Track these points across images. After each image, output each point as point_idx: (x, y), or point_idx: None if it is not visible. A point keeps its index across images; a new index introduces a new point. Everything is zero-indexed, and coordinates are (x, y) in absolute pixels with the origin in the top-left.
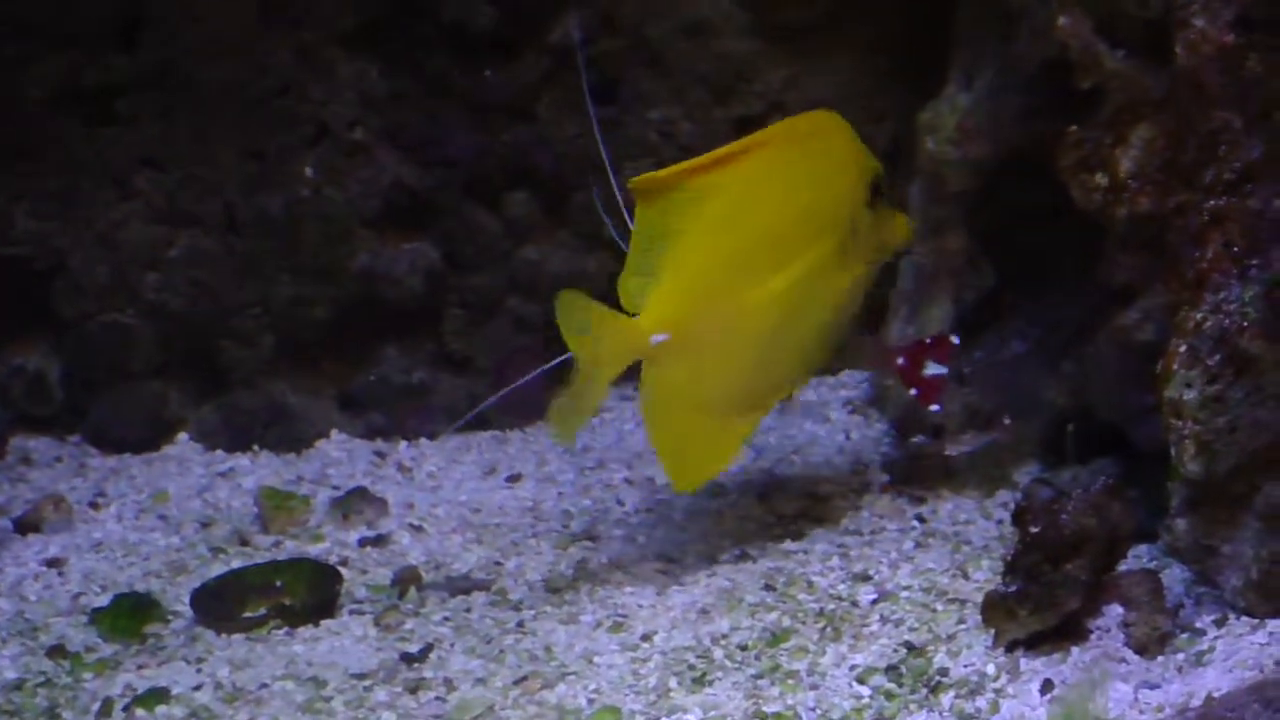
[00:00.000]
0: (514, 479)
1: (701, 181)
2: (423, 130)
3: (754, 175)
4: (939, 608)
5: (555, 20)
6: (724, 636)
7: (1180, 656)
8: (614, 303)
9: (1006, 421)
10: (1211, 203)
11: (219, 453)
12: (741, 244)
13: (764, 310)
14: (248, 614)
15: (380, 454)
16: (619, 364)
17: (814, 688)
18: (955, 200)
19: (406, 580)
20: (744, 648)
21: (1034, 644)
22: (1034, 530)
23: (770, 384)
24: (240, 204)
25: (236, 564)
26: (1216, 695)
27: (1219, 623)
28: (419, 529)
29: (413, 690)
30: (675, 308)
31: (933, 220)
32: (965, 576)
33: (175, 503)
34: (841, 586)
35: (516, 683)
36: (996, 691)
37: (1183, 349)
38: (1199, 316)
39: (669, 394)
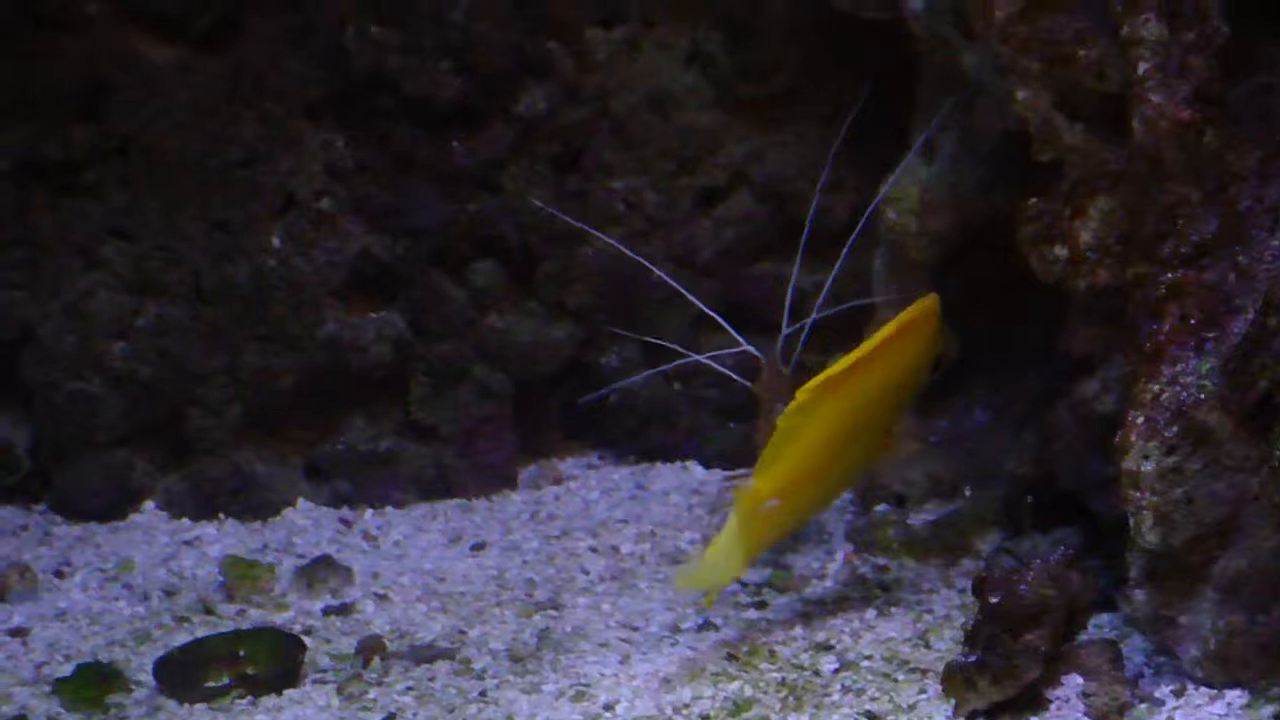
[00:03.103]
0: (479, 548)
1: (830, 388)
2: (389, 200)
3: (862, 376)
4: (900, 677)
5: (521, 91)
6: (686, 706)
7: None
8: None
9: (967, 493)
10: (1169, 275)
11: (185, 521)
12: (838, 428)
13: (835, 474)
14: (210, 684)
15: (346, 522)
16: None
17: None
18: (917, 270)
19: (370, 649)
20: (706, 717)
21: (994, 714)
22: (993, 600)
23: (803, 520)
24: (207, 273)
25: (201, 633)
26: None
27: (1178, 693)
28: (384, 598)
29: None
30: (784, 479)
31: (894, 291)
32: (927, 646)
33: (140, 571)
34: (804, 655)
35: None
36: None
37: (1140, 420)
38: (1156, 388)
39: (751, 532)
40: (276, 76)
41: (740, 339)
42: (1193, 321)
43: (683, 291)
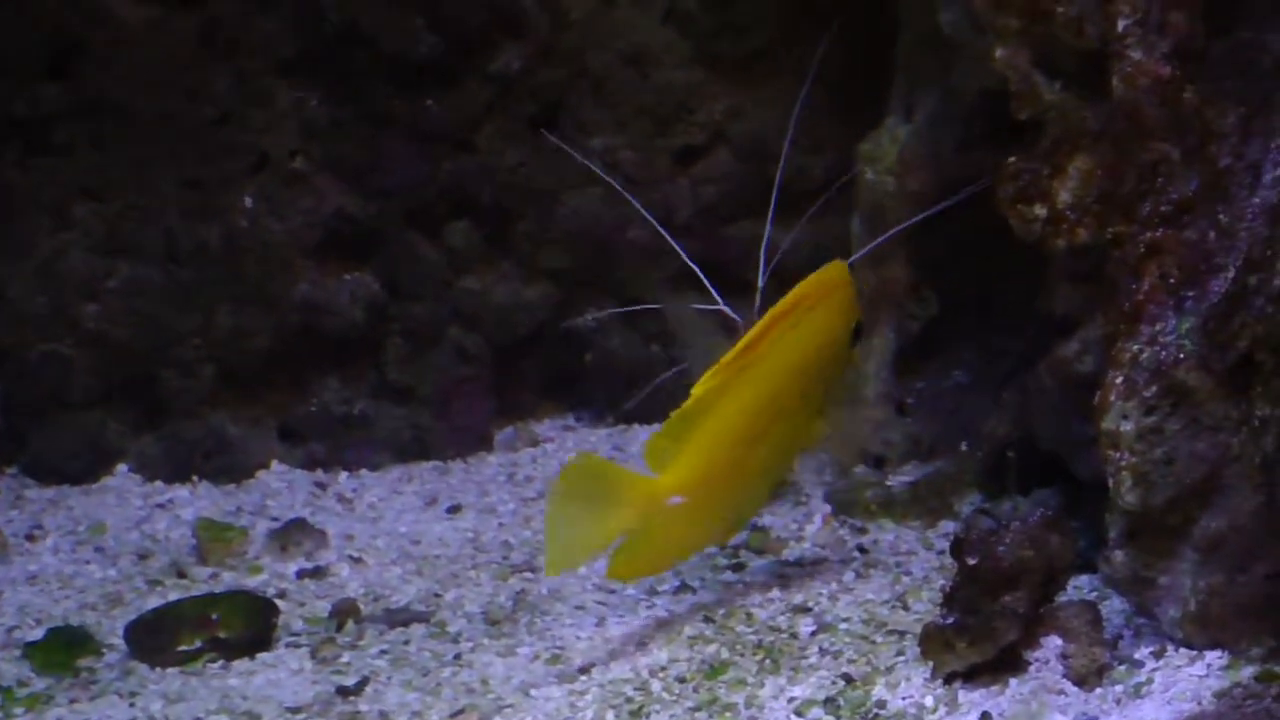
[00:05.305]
0: (455, 510)
1: (731, 371)
2: (363, 160)
3: (770, 352)
4: (878, 639)
5: (497, 50)
6: (662, 668)
7: (1119, 688)
8: None
9: (964, 447)
10: (1148, 234)
11: (158, 484)
12: (751, 413)
13: (759, 465)
14: (182, 647)
15: (321, 485)
16: (638, 522)
17: None
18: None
19: (344, 612)
20: (682, 680)
21: (972, 676)
22: (972, 562)
23: (743, 517)
24: (180, 234)
25: (173, 596)
26: None
27: (1157, 654)
28: (358, 560)
29: None
30: (691, 475)
31: (874, 250)
32: (905, 608)
33: (113, 534)
34: (781, 618)
35: (453, 716)
36: None
37: (1119, 380)
38: (1135, 348)
39: (666, 537)
40: (249, 34)
41: (719, 298)
42: (1172, 280)
43: (670, 240)
